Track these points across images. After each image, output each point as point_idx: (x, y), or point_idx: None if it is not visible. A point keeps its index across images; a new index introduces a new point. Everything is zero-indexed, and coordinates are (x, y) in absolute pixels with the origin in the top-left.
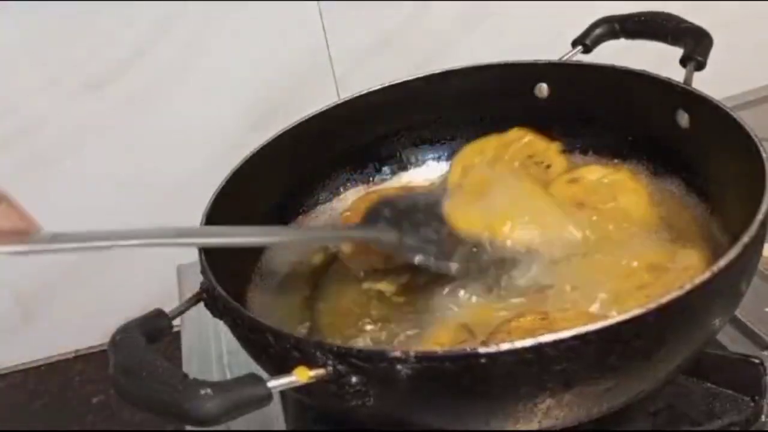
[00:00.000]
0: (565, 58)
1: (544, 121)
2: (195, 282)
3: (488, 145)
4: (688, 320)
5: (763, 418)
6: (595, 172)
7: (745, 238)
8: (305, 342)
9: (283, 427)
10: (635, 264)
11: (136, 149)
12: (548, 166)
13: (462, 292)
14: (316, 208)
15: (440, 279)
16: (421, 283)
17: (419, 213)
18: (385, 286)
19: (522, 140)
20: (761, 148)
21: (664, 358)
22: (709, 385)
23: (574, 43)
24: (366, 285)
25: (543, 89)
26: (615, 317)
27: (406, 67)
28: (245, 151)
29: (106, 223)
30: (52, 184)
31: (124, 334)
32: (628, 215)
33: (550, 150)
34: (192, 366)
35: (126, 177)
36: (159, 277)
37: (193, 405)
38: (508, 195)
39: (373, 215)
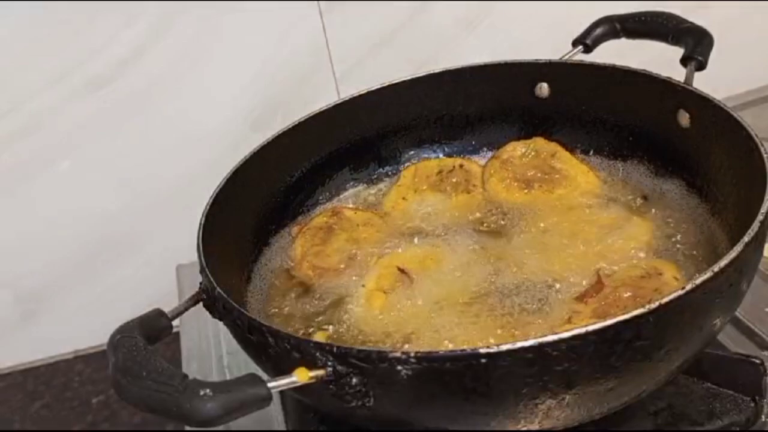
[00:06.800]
0: (565, 57)
1: (544, 121)
2: (195, 282)
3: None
4: (688, 320)
5: (763, 418)
6: (518, 147)
7: (746, 238)
8: (305, 342)
9: (283, 427)
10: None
11: (136, 149)
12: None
13: None
14: (316, 208)
15: None
16: None
17: None
18: None
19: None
20: (761, 148)
21: (665, 358)
22: (709, 385)
23: (575, 43)
24: None
25: (543, 89)
26: (615, 317)
27: (406, 67)
28: (245, 151)
29: (106, 222)
30: (52, 184)
31: (123, 334)
32: (572, 179)
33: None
34: (192, 366)
35: (126, 177)
36: (159, 277)
37: (193, 405)
38: None
39: None
